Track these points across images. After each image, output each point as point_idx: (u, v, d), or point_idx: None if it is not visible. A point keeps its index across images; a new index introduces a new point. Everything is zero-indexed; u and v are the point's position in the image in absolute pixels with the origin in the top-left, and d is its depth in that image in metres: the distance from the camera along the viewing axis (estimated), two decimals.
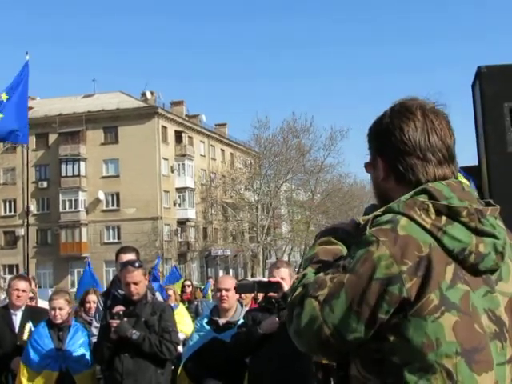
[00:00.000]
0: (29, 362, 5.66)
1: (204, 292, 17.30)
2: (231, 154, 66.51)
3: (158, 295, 6.11)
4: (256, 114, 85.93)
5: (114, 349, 5.27)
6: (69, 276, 56.21)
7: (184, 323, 7.53)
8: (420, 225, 1.76)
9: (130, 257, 5.78)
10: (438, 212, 1.78)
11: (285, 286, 4.78)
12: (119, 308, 5.29)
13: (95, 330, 5.85)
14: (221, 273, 55.13)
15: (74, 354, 5.71)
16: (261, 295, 6.56)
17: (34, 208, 56.40)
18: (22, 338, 5.95)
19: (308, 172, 55.74)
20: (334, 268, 1.79)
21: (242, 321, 5.33)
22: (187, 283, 13.92)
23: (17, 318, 6.26)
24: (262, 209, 55.19)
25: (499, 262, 1.82)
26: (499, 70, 3.18)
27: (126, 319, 5.26)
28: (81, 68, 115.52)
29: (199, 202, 60.26)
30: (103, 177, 58.23)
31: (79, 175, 58.01)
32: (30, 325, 6.01)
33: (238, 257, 59.72)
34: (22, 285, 6.36)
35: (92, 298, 7.72)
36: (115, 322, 5.23)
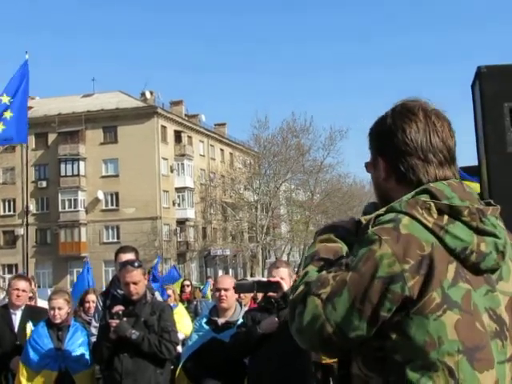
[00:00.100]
0: (28, 361, 5.66)
1: (203, 292, 17.28)
2: (230, 153, 66.51)
3: (158, 295, 6.11)
4: (255, 114, 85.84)
5: (114, 348, 5.26)
6: (68, 276, 56.18)
7: (183, 323, 7.52)
8: (422, 224, 1.77)
9: (130, 256, 5.77)
10: (440, 211, 1.79)
11: (284, 286, 4.79)
12: (118, 308, 5.29)
13: (94, 330, 5.85)
14: (220, 273, 55.08)
15: (73, 354, 5.71)
16: (260, 295, 6.56)
17: (33, 208, 56.39)
18: (23, 338, 5.94)
19: (307, 172, 55.76)
20: (337, 266, 1.80)
21: (241, 321, 5.33)
22: (186, 283, 13.90)
23: (16, 317, 6.26)
24: (262, 209, 55.21)
25: (500, 262, 1.83)
26: (499, 70, 3.18)
27: (125, 319, 5.26)
28: (80, 67, 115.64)
29: (198, 202, 60.25)
30: (102, 176, 58.22)
31: (78, 175, 58.00)
32: (30, 324, 6.00)
33: (237, 257, 59.73)
34: (21, 284, 6.36)
35: (91, 297, 7.72)
36: (114, 322, 5.22)
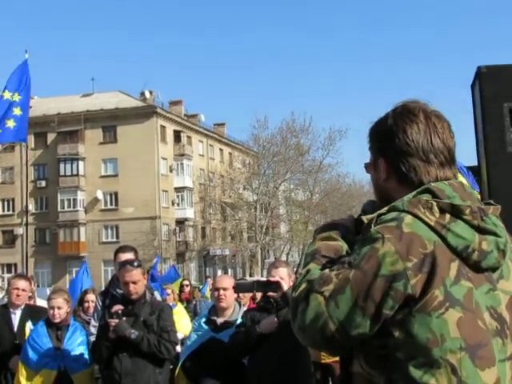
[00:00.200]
0: (27, 361, 5.65)
1: (202, 292, 17.27)
2: (230, 153, 66.55)
3: (157, 294, 6.11)
4: (255, 114, 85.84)
5: (113, 348, 5.26)
6: (67, 275, 56.09)
7: (182, 323, 7.52)
8: (424, 222, 1.79)
9: (129, 256, 5.77)
10: (442, 210, 1.81)
11: (284, 286, 4.79)
12: (118, 307, 5.28)
13: (93, 329, 5.85)
14: (219, 272, 55.12)
15: (72, 354, 5.70)
16: (259, 295, 6.56)
17: (32, 207, 56.40)
18: (23, 337, 5.94)
19: (307, 172, 55.77)
20: (339, 264, 1.81)
21: (240, 320, 5.33)
22: (185, 283, 13.87)
23: (16, 316, 6.26)
24: (261, 208, 55.22)
25: (501, 260, 1.85)
26: (499, 70, 3.18)
27: (124, 318, 5.25)
28: (80, 67, 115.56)
29: (198, 202, 60.25)
30: (102, 176, 58.21)
31: (78, 174, 58.00)
32: (30, 324, 6.00)
33: (236, 256, 59.76)
34: (21, 284, 6.35)
35: (90, 297, 7.72)
36: (114, 322, 5.22)
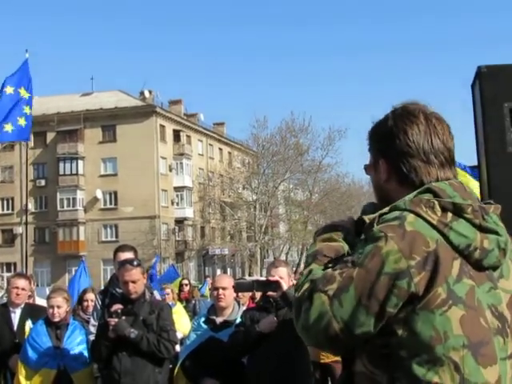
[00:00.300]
0: (27, 360, 5.65)
1: (201, 291, 17.27)
2: (229, 153, 66.55)
3: (156, 294, 6.11)
4: (254, 114, 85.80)
5: (112, 347, 5.26)
6: (66, 274, 56.02)
7: (181, 322, 7.52)
8: (427, 221, 1.80)
9: (128, 255, 5.76)
10: (444, 209, 1.83)
11: (283, 285, 4.79)
12: (117, 306, 5.28)
13: (93, 329, 5.85)
14: (218, 272, 55.10)
15: (71, 353, 5.70)
16: (258, 294, 6.56)
17: (31, 206, 56.37)
18: (22, 336, 5.93)
19: (306, 172, 55.80)
20: (342, 263, 1.82)
21: (239, 320, 5.33)
22: (185, 282, 13.86)
23: (16, 315, 6.25)
24: (260, 208, 55.22)
25: (502, 259, 1.86)
26: (499, 70, 3.18)
27: (124, 318, 5.25)
28: (79, 66, 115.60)
29: (197, 201, 60.26)
30: (101, 175, 58.22)
31: (77, 174, 58.00)
32: (30, 323, 6.00)
33: (235, 256, 59.76)
34: (21, 283, 6.35)
35: (90, 296, 7.72)
36: (113, 321, 5.22)
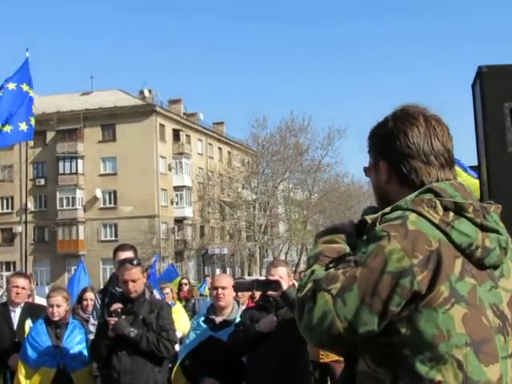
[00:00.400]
0: (26, 359, 5.66)
1: (200, 290, 17.29)
2: (229, 152, 66.56)
3: (156, 293, 6.11)
4: (254, 113, 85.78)
5: (112, 346, 5.26)
6: (66, 273, 56.04)
7: (181, 321, 7.52)
8: (429, 220, 1.82)
9: (128, 254, 5.76)
10: (445, 208, 1.84)
11: (283, 285, 4.80)
12: (117, 306, 5.28)
13: (92, 328, 5.85)
14: (218, 271, 55.10)
15: (71, 352, 5.70)
16: (258, 294, 6.56)
17: (31, 205, 56.36)
18: (22, 335, 5.93)
19: (305, 171, 55.81)
20: (345, 263, 1.83)
21: (238, 319, 5.33)
22: (184, 281, 13.87)
23: (15, 314, 6.24)
24: (260, 208, 55.23)
25: (503, 258, 1.89)
26: (500, 70, 3.17)
27: (123, 317, 5.26)
28: (79, 65, 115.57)
29: (196, 201, 60.27)
30: (101, 175, 58.21)
31: (77, 173, 58.00)
32: (29, 322, 6.00)
33: (234, 255, 59.75)
34: (21, 282, 6.34)
35: (89, 295, 7.72)
36: (113, 320, 5.22)
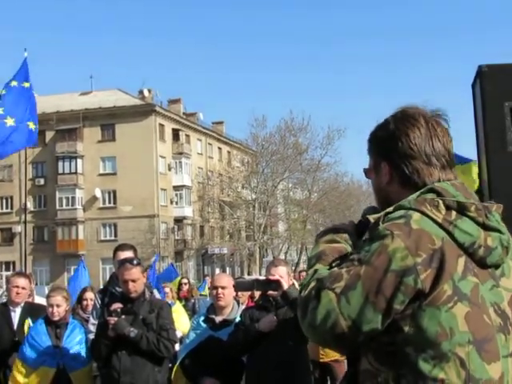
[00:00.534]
0: (25, 358, 5.65)
1: (200, 290, 17.28)
2: (228, 152, 66.55)
3: (156, 293, 6.11)
4: (253, 113, 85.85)
5: (112, 346, 5.26)
6: (65, 273, 56.05)
7: (180, 321, 7.52)
8: (432, 219, 1.83)
9: (128, 254, 5.76)
10: (448, 207, 1.86)
11: (284, 285, 4.80)
12: (117, 305, 5.28)
13: (92, 327, 5.85)
14: (217, 271, 55.07)
15: (71, 352, 5.70)
16: (257, 293, 6.56)
17: (30, 205, 56.27)
18: (22, 335, 5.93)
19: (305, 171, 55.83)
20: (348, 262, 1.84)
21: (238, 319, 5.33)
22: (184, 281, 13.88)
23: (16, 314, 6.24)
24: (259, 207, 55.24)
25: (504, 258, 1.90)
26: (500, 69, 3.18)
27: (123, 317, 5.25)
28: (78, 65, 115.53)
29: (196, 200, 60.28)
30: (100, 174, 58.20)
31: (76, 172, 57.99)
32: (30, 321, 5.99)
33: (234, 255, 59.73)
34: (21, 281, 6.33)
35: (89, 295, 7.71)
36: (113, 320, 5.22)
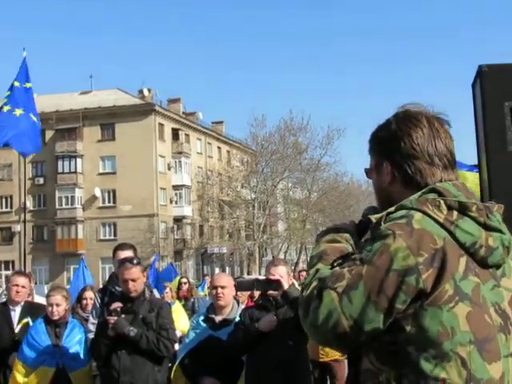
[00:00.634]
0: (24, 358, 5.65)
1: (199, 289, 17.28)
2: (228, 151, 66.54)
3: (156, 292, 6.11)
4: (253, 112, 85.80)
5: (112, 345, 5.26)
6: (65, 272, 56.19)
7: (180, 321, 7.52)
8: (433, 219, 1.84)
9: (128, 254, 5.76)
10: (450, 207, 1.87)
11: (284, 284, 4.81)
12: (117, 305, 5.28)
13: (92, 327, 5.84)
14: (217, 270, 55.07)
15: (70, 351, 5.69)
16: (257, 293, 6.56)
17: (30, 204, 56.32)
18: (23, 334, 5.92)
19: (305, 170, 55.82)
20: (350, 261, 1.85)
21: (238, 318, 5.33)
22: (183, 280, 13.87)
23: (16, 313, 6.23)
24: (259, 207, 55.24)
25: (505, 258, 1.91)
26: (500, 69, 3.18)
27: (123, 316, 5.25)
28: (78, 65, 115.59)
29: (196, 200, 60.27)
30: (100, 174, 58.19)
31: (76, 172, 57.98)
32: (30, 321, 5.99)
33: (234, 254, 59.75)
34: (21, 280, 6.33)
35: (89, 294, 7.71)
36: (113, 319, 5.22)
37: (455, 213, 1.86)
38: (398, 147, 2.00)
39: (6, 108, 10.43)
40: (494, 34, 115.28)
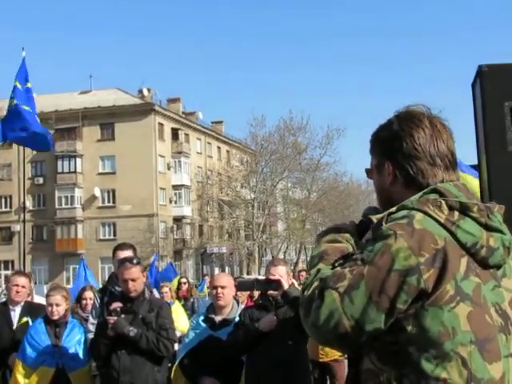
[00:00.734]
0: (24, 358, 5.64)
1: (199, 289, 17.29)
2: (227, 151, 66.55)
3: (156, 292, 6.11)
4: (252, 112, 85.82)
5: (111, 345, 5.26)
6: (64, 272, 56.20)
7: (179, 321, 7.52)
8: (435, 219, 1.84)
9: (128, 253, 5.76)
10: (451, 208, 1.87)
11: (284, 284, 4.81)
12: (116, 305, 5.28)
13: (91, 327, 5.85)
14: (216, 270, 55.07)
15: (70, 351, 5.69)
16: (257, 293, 6.56)
17: (29, 204, 56.34)
18: (23, 334, 5.91)
19: (304, 170, 55.85)
20: (351, 261, 1.85)
21: (238, 318, 5.33)
22: (183, 280, 13.89)
23: (15, 313, 6.22)
24: (258, 207, 55.27)
25: (506, 258, 1.91)
26: (500, 69, 3.18)
27: (123, 316, 5.25)
28: (78, 64, 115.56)
29: (195, 200, 60.28)
30: (99, 173, 58.18)
31: (75, 172, 57.96)
32: (29, 321, 5.98)
33: (233, 254, 59.79)
34: (21, 280, 6.32)
35: (88, 294, 7.71)
36: (112, 319, 5.22)
37: (456, 213, 1.86)
38: (399, 147, 2.00)
39: (14, 102, 10.57)
40: (494, 34, 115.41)
